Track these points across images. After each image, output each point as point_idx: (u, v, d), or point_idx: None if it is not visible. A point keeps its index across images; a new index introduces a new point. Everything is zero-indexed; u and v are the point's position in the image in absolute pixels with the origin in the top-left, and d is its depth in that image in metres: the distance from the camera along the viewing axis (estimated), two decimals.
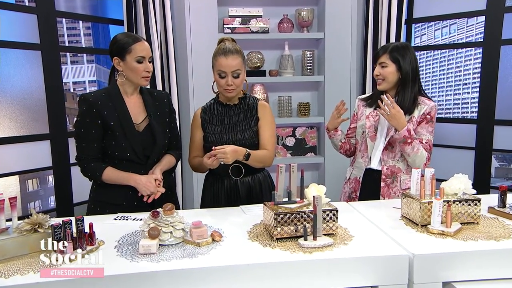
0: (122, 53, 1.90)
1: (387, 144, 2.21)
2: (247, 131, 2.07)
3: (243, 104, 2.13)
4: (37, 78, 2.92)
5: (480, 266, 1.37)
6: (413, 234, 1.53)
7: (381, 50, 2.25)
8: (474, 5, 3.24)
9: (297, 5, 3.59)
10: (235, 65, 1.98)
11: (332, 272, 1.35)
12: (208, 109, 2.16)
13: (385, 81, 2.19)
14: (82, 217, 1.40)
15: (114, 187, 1.93)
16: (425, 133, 2.17)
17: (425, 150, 2.15)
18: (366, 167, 2.27)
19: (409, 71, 2.16)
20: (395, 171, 2.21)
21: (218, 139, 2.06)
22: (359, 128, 2.33)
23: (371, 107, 2.30)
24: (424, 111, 2.17)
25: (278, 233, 1.47)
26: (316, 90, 3.77)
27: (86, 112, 1.90)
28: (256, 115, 2.10)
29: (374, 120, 2.27)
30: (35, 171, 2.97)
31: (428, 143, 2.17)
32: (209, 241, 1.46)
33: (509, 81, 3.17)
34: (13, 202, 1.40)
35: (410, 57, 2.18)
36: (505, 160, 3.45)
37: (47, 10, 2.91)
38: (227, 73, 1.99)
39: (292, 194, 1.55)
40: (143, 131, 1.97)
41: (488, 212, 1.73)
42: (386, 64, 2.18)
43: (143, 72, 1.91)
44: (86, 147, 1.93)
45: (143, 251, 1.37)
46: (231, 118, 2.11)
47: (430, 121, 2.17)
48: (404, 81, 2.17)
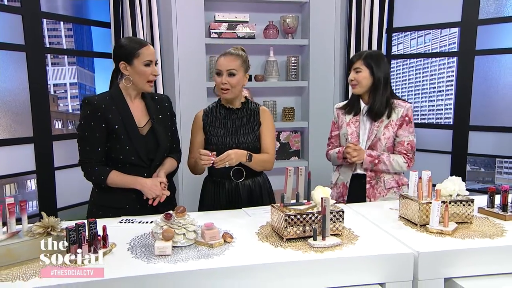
0: (129, 57, 1.90)
1: (369, 148, 2.30)
2: (250, 135, 2.12)
3: (246, 108, 2.17)
4: (21, 79, 2.85)
5: (478, 263, 1.46)
6: (413, 234, 1.61)
7: (355, 56, 2.36)
8: (450, 17, 3.42)
9: (282, 12, 3.67)
10: (231, 64, 2.05)
11: (342, 270, 1.41)
12: (210, 111, 2.19)
13: (359, 85, 2.30)
14: (95, 220, 1.40)
15: (117, 190, 1.92)
16: (407, 134, 2.29)
17: (407, 152, 2.28)
18: (353, 172, 2.35)
19: (381, 76, 2.27)
20: (377, 172, 2.30)
21: (221, 142, 2.09)
22: (342, 136, 2.40)
23: (350, 114, 2.38)
24: (402, 113, 2.28)
25: (288, 233, 1.51)
26: (300, 95, 3.85)
27: (90, 116, 1.89)
28: (258, 119, 2.16)
29: (355, 126, 2.35)
30: (18, 175, 2.88)
31: (410, 143, 2.29)
32: (221, 242, 1.49)
33: (482, 89, 3.35)
34: (23, 205, 1.38)
35: (383, 64, 2.30)
36: (476, 164, 3.63)
37: (32, 10, 2.85)
38: (222, 71, 2.05)
39: (300, 196, 1.60)
40: (146, 134, 1.98)
41: (478, 212, 1.84)
42: (360, 69, 2.28)
43: (150, 76, 1.92)
44: (90, 151, 1.91)
45: (159, 253, 1.38)
46: (234, 121, 2.14)
47: (409, 122, 2.30)
48: (375, 86, 2.28)
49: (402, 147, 2.29)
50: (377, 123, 2.29)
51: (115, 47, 1.96)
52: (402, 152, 2.29)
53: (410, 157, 2.29)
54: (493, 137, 3.35)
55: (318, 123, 3.68)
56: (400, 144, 2.29)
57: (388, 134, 2.28)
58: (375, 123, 2.29)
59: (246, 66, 2.14)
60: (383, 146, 2.29)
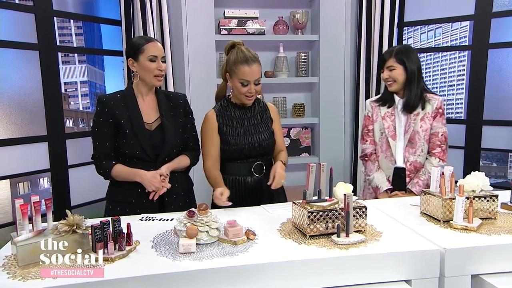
0: (135, 53, 1.95)
1: (407, 141, 2.32)
2: (267, 131, 2.14)
3: (257, 105, 2.19)
4: (34, 78, 2.85)
5: (506, 259, 1.44)
6: (437, 230, 1.60)
7: (386, 54, 2.36)
8: (462, 10, 3.38)
9: (292, 7, 3.64)
10: (257, 73, 2.03)
11: (368, 267, 1.39)
12: (222, 111, 2.14)
13: (395, 83, 2.31)
14: (119, 217, 1.39)
15: (124, 185, 1.97)
16: (441, 125, 2.33)
17: (442, 143, 2.32)
18: (394, 166, 2.36)
19: (414, 69, 2.29)
20: (417, 166, 2.32)
21: (243, 141, 2.09)
22: (377, 130, 2.41)
23: (384, 107, 2.39)
24: (436, 105, 2.31)
25: (311, 230, 1.50)
26: (310, 91, 3.83)
27: (100, 112, 1.97)
28: (269, 116, 2.19)
29: (391, 120, 2.36)
30: (32, 173, 2.89)
31: (443, 134, 2.33)
32: (244, 239, 1.48)
33: (496, 83, 3.32)
34: (49, 203, 1.38)
35: (414, 58, 2.31)
36: (488, 158, 3.61)
37: (45, 9, 2.84)
38: (250, 82, 2.02)
39: (321, 192, 1.59)
40: (154, 130, 2.00)
41: (501, 208, 1.81)
42: (394, 67, 2.29)
43: (155, 71, 1.95)
44: (99, 146, 1.99)
45: (183, 250, 1.37)
46: (250, 119, 2.15)
47: (442, 114, 2.34)
48: (410, 80, 2.29)
49: (437, 138, 2.32)
50: (413, 116, 2.32)
51: (126, 46, 2.00)
52: (436, 144, 2.32)
53: (444, 148, 2.33)
54: (506, 131, 3.32)
55: (329, 119, 3.67)
56: (434, 135, 2.33)
57: (425, 126, 2.31)
58: (410, 116, 2.32)
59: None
60: (422, 139, 2.32)
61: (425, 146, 2.33)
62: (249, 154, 2.09)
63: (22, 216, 1.32)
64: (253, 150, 2.09)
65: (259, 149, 2.10)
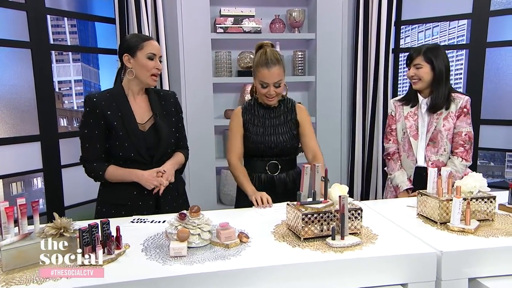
0: (133, 49, 1.88)
1: (429, 140, 2.30)
2: (287, 133, 2.15)
3: (283, 106, 2.19)
4: (26, 77, 2.81)
5: (504, 262, 1.42)
6: (434, 232, 1.57)
7: (414, 52, 2.32)
8: (460, 9, 3.35)
9: (288, 5, 3.61)
10: (276, 76, 2.03)
11: (363, 271, 1.36)
12: (248, 109, 2.19)
13: (421, 81, 2.28)
14: (108, 220, 1.36)
15: (119, 187, 1.91)
16: (465, 125, 2.29)
17: (465, 143, 2.28)
18: (416, 165, 2.34)
19: (443, 69, 2.26)
20: (439, 165, 2.27)
21: (260, 140, 2.12)
22: (400, 130, 2.40)
23: (407, 106, 2.38)
24: (461, 104, 2.28)
25: (305, 233, 1.47)
26: (307, 90, 3.80)
27: (89, 113, 1.88)
28: (295, 118, 2.18)
29: (413, 120, 2.35)
30: (25, 173, 2.85)
31: (467, 134, 2.29)
32: (237, 242, 1.44)
33: (493, 82, 3.29)
34: (36, 206, 1.34)
35: (443, 57, 2.28)
36: (485, 158, 3.59)
37: (37, 6, 2.80)
38: (269, 84, 2.04)
39: (316, 194, 1.56)
40: (148, 130, 1.95)
41: (498, 209, 1.78)
42: (421, 65, 2.27)
43: (152, 69, 1.90)
44: (89, 148, 1.91)
45: (174, 254, 1.34)
46: (272, 120, 2.16)
47: (467, 113, 2.29)
48: (438, 80, 2.26)
49: (460, 137, 2.28)
50: (436, 115, 2.29)
51: (120, 42, 1.96)
52: (459, 143, 2.28)
53: (467, 148, 2.29)
54: (504, 131, 3.30)
55: (326, 118, 3.64)
56: (457, 135, 2.29)
57: (448, 125, 2.28)
58: (433, 115, 2.30)
59: (284, 66, 2.12)
60: (445, 138, 2.29)
61: (448, 146, 2.30)
62: (265, 153, 2.13)
63: (7, 219, 1.28)
64: (269, 150, 2.12)
65: (275, 150, 2.12)
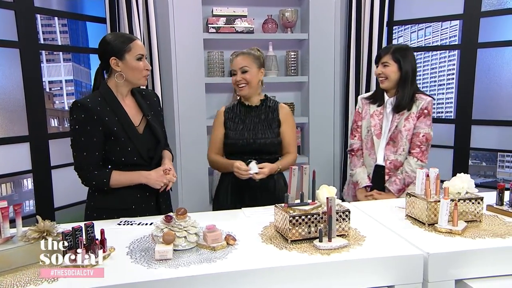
0: (120, 52, 1.83)
1: (389, 140, 2.34)
2: (267, 131, 2.19)
3: (264, 105, 2.25)
4: (15, 77, 2.78)
5: (490, 263, 1.42)
6: (422, 233, 1.56)
7: (383, 51, 2.38)
8: (452, 9, 3.36)
9: (281, 5, 3.60)
10: (242, 62, 2.17)
11: (350, 273, 1.36)
12: (231, 108, 2.30)
13: (387, 80, 2.32)
14: (92, 223, 1.34)
15: (121, 191, 1.86)
16: (423, 126, 2.32)
17: (421, 144, 2.31)
18: (375, 163, 2.38)
19: (409, 70, 2.29)
20: (397, 164, 2.33)
21: (239, 137, 2.20)
22: (365, 127, 2.43)
23: (374, 105, 2.40)
24: (422, 106, 2.31)
25: (292, 235, 1.46)
26: (300, 91, 3.80)
27: (85, 120, 1.79)
28: (277, 117, 2.23)
29: (379, 119, 2.38)
30: (14, 175, 2.82)
31: (425, 135, 2.32)
32: (224, 245, 1.43)
33: (485, 83, 3.30)
34: (18, 209, 1.32)
35: (410, 58, 2.32)
36: (477, 158, 3.59)
37: (25, 5, 2.77)
38: (236, 71, 2.17)
39: (304, 195, 1.55)
40: (143, 132, 1.93)
41: (486, 210, 1.78)
42: (388, 63, 2.31)
43: (143, 71, 1.87)
44: (87, 156, 1.82)
45: (159, 257, 1.33)
46: (253, 118, 2.23)
47: (428, 115, 2.32)
48: (404, 80, 2.30)
49: (417, 138, 2.32)
50: (398, 116, 2.33)
51: (102, 44, 1.87)
52: (416, 144, 2.31)
53: (423, 149, 2.32)
54: (495, 131, 3.31)
55: (319, 118, 3.63)
56: (415, 135, 2.33)
57: (409, 126, 2.31)
58: (396, 115, 2.33)
59: (260, 62, 2.22)
60: (404, 138, 2.32)
61: (406, 146, 2.34)
62: (244, 150, 2.16)
63: None
64: (247, 146, 2.16)
65: (253, 146, 2.16)
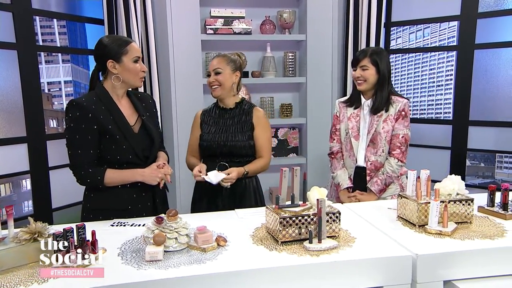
0: (117, 55, 1.85)
1: (369, 141, 2.36)
2: (239, 134, 2.20)
3: (239, 108, 2.26)
4: (13, 78, 2.80)
5: (478, 264, 1.43)
6: (412, 235, 1.57)
7: (361, 54, 2.39)
8: (449, 10, 3.36)
9: (279, 7, 3.62)
10: (216, 64, 2.20)
11: (339, 274, 1.37)
12: (207, 111, 2.33)
13: (366, 82, 2.35)
14: (84, 224, 1.36)
15: (117, 191, 1.88)
16: (402, 128, 2.35)
17: (401, 145, 2.34)
18: (355, 165, 2.40)
19: (386, 72, 2.33)
20: (377, 165, 2.37)
21: (212, 138, 2.20)
22: (343, 130, 2.45)
23: (351, 107, 2.43)
24: (399, 108, 2.34)
25: (283, 236, 1.47)
26: (298, 91, 3.81)
27: (80, 118, 1.81)
28: (250, 120, 2.23)
29: (356, 121, 2.41)
30: (12, 175, 2.84)
31: (404, 136, 2.35)
32: (214, 246, 1.45)
33: (482, 84, 3.30)
34: (10, 210, 1.34)
35: (386, 60, 2.36)
36: (475, 158, 3.59)
37: (23, 7, 2.79)
38: (210, 72, 2.22)
39: (295, 197, 1.56)
40: (138, 132, 1.95)
41: (478, 211, 1.79)
42: (367, 67, 2.33)
43: (140, 72, 1.90)
44: (82, 154, 1.82)
45: (150, 258, 1.34)
46: (226, 120, 2.24)
47: (405, 116, 2.36)
48: (381, 82, 2.33)
49: (397, 139, 2.35)
50: (377, 117, 2.35)
51: (98, 47, 1.89)
52: (396, 145, 2.34)
53: (403, 150, 2.35)
54: (493, 132, 3.31)
55: (316, 119, 3.64)
56: (395, 137, 2.35)
57: (387, 127, 2.34)
58: (374, 117, 2.35)
59: (235, 65, 2.23)
60: (383, 140, 2.34)
61: (386, 147, 2.36)
62: (216, 153, 2.19)
63: None
64: (218, 149, 2.18)
65: (224, 148, 2.18)
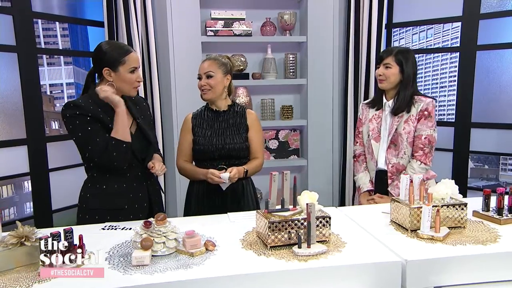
0: (114, 64, 1.86)
1: (390, 143, 2.31)
2: (235, 136, 2.19)
3: (232, 111, 2.25)
4: (13, 81, 2.82)
5: (469, 270, 1.40)
6: (403, 240, 1.55)
7: (386, 52, 2.35)
8: (451, 11, 3.32)
9: (279, 8, 3.60)
10: (207, 67, 2.18)
11: (327, 280, 1.36)
12: (198, 114, 2.29)
13: (386, 81, 2.30)
14: (71, 228, 1.36)
15: (114, 191, 1.90)
16: (425, 128, 2.28)
17: (424, 146, 2.27)
18: (376, 169, 2.37)
19: (410, 73, 2.28)
20: (399, 168, 2.30)
21: (208, 142, 2.18)
22: (365, 132, 2.42)
23: (373, 109, 2.40)
24: (421, 107, 2.27)
25: (272, 241, 1.46)
26: (299, 93, 3.79)
27: (81, 115, 1.81)
28: (245, 122, 2.23)
29: (377, 122, 2.37)
30: (13, 177, 2.86)
31: (427, 137, 2.27)
32: (202, 250, 1.44)
33: (484, 85, 3.26)
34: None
35: (412, 61, 2.30)
36: (479, 160, 3.55)
37: (23, 10, 2.81)
38: (201, 75, 2.19)
39: (285, 201, 1.55)
40: (135, 134, 1.96)
41: (473, 216, 1.77)
42: (390, 65, 2.29)
43: (135, 83, 1.91)
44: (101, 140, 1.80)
45: (136, 263, 1.34)
46: (220, 123, 2.23)
47: (429, 116, 2.28)
48: (405, 83, 2.28)
49: (420, 141, 2.28)
50: (397, 118, 2.30)
51: (97, 52, 1.90)
52: (419, 147, 2.28)
53: (426, 151, 2.27)
54: (495, 134, 3.27)
55: (317, 121, 3.63)
56: (417, 138, 2.29)
57: (409, 128, 2.28)
58: (395, 118, 2.30)
59: (226, 68, 2.22)
60: (405, 141, 2.29)
61: (408, 149, 2.30)
62: (214, 156, 2.17)
63: None
64: (216, 152, 2.16)
65: (223, 151, 2.16)
